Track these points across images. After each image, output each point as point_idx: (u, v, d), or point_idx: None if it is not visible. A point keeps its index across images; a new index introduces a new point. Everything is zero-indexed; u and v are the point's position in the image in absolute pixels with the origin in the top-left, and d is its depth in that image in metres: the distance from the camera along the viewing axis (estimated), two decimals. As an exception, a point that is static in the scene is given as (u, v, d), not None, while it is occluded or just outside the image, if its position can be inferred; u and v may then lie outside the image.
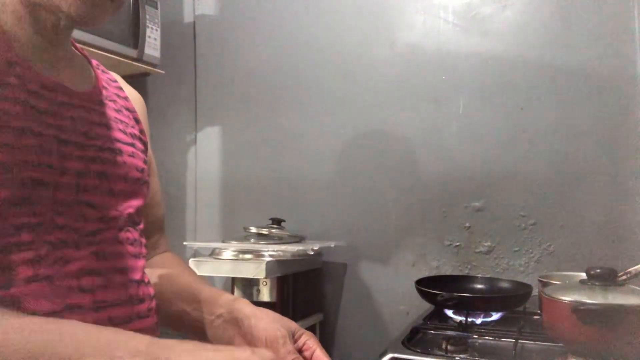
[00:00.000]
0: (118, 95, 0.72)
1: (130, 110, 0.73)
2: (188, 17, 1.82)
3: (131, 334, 0.49)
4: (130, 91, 0.77)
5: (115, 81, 0.74)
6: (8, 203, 0.51)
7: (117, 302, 0.60)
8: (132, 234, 0.67)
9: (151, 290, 0.69)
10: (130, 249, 0.66)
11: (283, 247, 1.33)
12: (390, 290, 1.51)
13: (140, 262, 0.68)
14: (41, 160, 0.54)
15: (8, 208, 0.51)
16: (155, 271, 0.76)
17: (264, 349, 0.56)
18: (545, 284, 1.08)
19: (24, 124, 0.53)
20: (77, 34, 1.35)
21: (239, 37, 1.74)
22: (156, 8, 1.61)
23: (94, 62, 0.71)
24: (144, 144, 0.75)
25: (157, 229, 0.84)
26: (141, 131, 0.75)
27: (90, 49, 1.35)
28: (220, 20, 1.78)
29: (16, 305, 0.50)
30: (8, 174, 0.51)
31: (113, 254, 0.62)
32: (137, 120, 0.74)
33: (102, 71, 0.72)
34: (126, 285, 0.63)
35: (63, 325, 0.49)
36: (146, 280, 0.69)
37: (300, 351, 0.62)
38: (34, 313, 0.51)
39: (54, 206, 0.55)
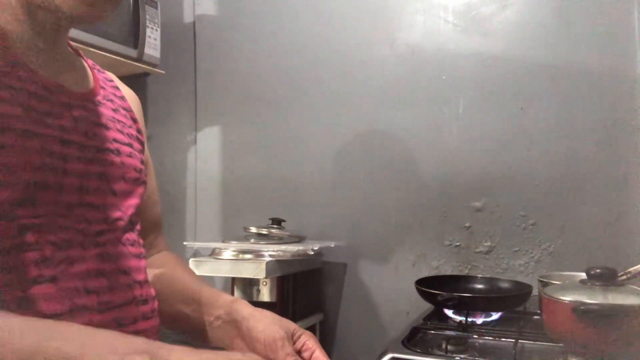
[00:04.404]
0: (115, 95, 0.71)
1: (127, 110, 0.73)
2: (188, 17, 1.82)
3: (130, 335, 0.49)
4: (126, 90, 0.77)
5: (112, 81, 0.74)
6: (12, 204, 0.51)
7: (122, 303, 0.60)
8: (133, 234, 0.67)
9: (153, 291, 0.69)
10: (133, 249, 0.66)
11: (283, 247, 1.32)
12: (390, 290, 1.51)
13: (142, 263, 0.68)
14: (44, 161, 0.54)
15: (12, 209, 0.51)
16: (154, 271, 0.76)
17: (253, 354, 0.55)
18: (545, 284, 1.08)
19: (26, 126, 0.53)
20: (77, 34, 1.35)
21: (239, 37, 1.74)
22: (156, 8, 1.61)
23: (90, 62, 0.71)
24: (142, 143, 0.75)
25: (154, 228, 0.84)
26: (138, 131, 0.75)
27: (90, 49, 1.35)
28: (220, 20, 1.78)
29: (22, 306, 0.50)
30: (12, 176, 0.51)
31: (117, 255, 0.62)
32: (134, 120, 0.74)
33: (98, 71, 0.71)
34: (130, 286, 0.63)
35: (63, 325, 0.48)
36: (148, 280, 0.69)
37: (299, 352, 0.62)
38: (39, 314, 0.50)
39: (57, 207, 0.55)
